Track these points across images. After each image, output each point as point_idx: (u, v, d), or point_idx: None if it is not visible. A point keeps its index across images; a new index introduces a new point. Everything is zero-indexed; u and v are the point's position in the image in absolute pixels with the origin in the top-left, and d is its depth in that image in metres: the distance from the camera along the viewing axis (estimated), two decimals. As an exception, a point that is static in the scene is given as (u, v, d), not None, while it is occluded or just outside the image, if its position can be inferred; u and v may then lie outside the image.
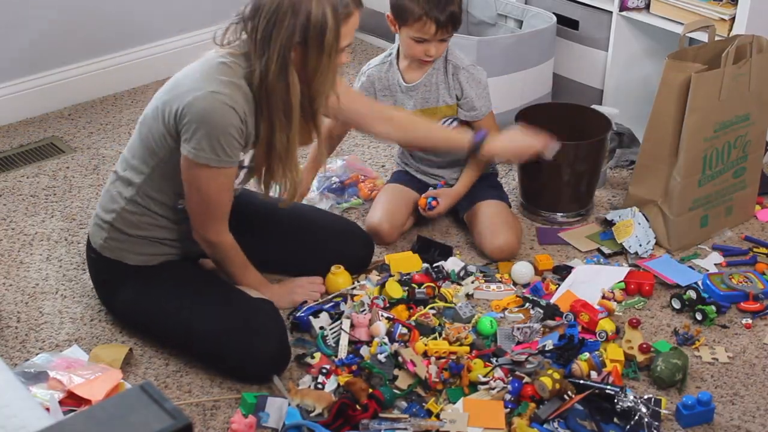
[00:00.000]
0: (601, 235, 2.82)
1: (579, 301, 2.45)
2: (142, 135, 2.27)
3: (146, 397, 1.15)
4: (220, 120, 2.11)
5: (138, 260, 2.35)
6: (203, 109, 2.11)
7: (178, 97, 2.15)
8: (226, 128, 2.12)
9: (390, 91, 2.79)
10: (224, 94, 2.12)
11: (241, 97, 2.15)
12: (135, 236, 2.33)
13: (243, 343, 2.23)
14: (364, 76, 2.82)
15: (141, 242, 2.34)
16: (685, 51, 2.68)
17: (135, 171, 2.29)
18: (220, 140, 2.13)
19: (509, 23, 3.46)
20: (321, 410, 2.12)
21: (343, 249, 2.58)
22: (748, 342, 2.43)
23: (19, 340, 2.41)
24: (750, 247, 2.79)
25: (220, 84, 2.13)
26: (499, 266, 2.67)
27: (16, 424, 1.32)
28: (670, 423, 2.17)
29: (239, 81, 2.15)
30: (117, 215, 2.32)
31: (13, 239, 2.82)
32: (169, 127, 2.18)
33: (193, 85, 2.15)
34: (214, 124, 2.11)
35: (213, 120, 2.11)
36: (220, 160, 2.15)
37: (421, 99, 2.76)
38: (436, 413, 2.15)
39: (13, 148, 3.30)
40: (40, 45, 3.42)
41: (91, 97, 3.61)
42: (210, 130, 2.12)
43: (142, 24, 3.65)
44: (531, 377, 2.20)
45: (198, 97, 2.12)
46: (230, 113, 2.12)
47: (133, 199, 2.30)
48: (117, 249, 2.35)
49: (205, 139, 2.13)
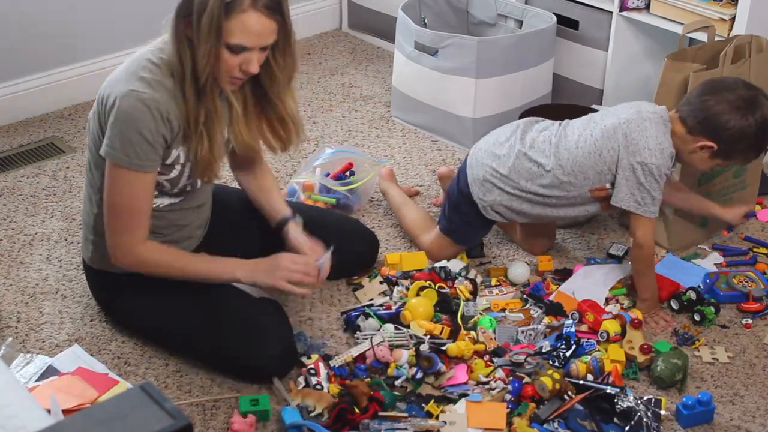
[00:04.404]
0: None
1: (586, 301, 2.45)
2: (89, 137, 2.25)
3: (146, 397, 1.15)
4: (133, 120, 2.07)
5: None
6: (122, 107, 2.08)
7: (106, 96, 2.13)
8: (139, 129, 2.08)
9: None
10: (143, 93, 2.08)
11: (165, 95, 2.10)
12: None
13: (248, 344, 2.23)
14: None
15: None
16: (684, 51, 2.68)
17: (94, 173, 2.26)
18: (132, 141, 2.09)
19: (509, 23, 3.46)
20: (321, 410, 2.13)
21: (348, 247, 2.58)
22: (748, 342, 2.43)
23: (19, 340, 2.41)
24: (750, 247, 2.79)
25: (143, 83, 2.09)
26: (491, 271, 2.67)
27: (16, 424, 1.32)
28: (670, 423, 2.17)
29: (164, 79, 2.11)
30: (94, 224, 2.30)
31: (13, 239, 2.82)
32: (103, 124, 2.16)
33: (116, 84, 2.12)
34: (128, 123, 2.08)
35: (127, 119, 2.08)
36: (130, 161, 2.10)
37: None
38: (436, 415, 2.15)
39: (13, 148, 3.30)
40: (40, 45, 3.42)
41: (91, 97, 3.56)
42: (123, 129, 2.08)
43: (142, 24, 3.64)
44: (531, 377, 2.20)
45: (119, 94, 2.09)
46: (145, 113, 2.07)
47: (101, 204, 2.26)
48: (105, 260, 2.31)
49: (118, 138, 2.09)
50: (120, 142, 2.09)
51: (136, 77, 2.10)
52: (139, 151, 2.10)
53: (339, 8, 4.12)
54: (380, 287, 2.56)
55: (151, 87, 2.09)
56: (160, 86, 2.10)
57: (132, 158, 2.11)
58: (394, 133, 3.40)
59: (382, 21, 3.90)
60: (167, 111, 2.10)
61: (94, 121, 2.21)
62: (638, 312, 2.45)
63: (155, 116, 2.08)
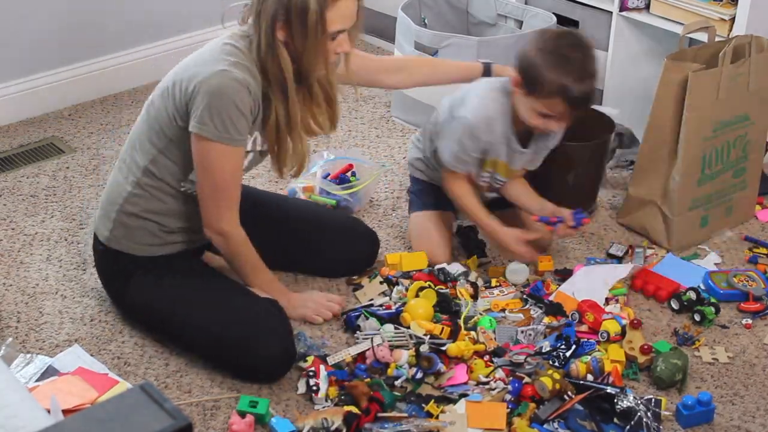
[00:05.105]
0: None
1: (586, 301, 2.45)
2: (150, 117, 2.29)
3: (146, 397, 1.15)
4: (230, 95, 2.14)
5: (144, 251, 2.36)
6: (214, 85, 2.14)
7: (188, 79, 2.18)
8: (236, 104, 2.14)
9: (508, 140, 2.55)
10: (234, 72, 2.15)
11: (250, 76, 2.17)
12: (140, 224, 2.34)
13: (247, 342, 2.23)
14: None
15: (146, 231, 2.35)
16: (684, 51, 2.68)
17: (141, 152, 2.30)
18: (231, 115, 2.15)
19: (509, 23, 3.46)
20: (339, 423, 2.10)
21: (348, 246, 2.59)
22: (748, 342, 2.43)
23: (19, 340, 2.41)
24: (750, 247, 2.79)
25: (230, 64, 2.16)
26: (491, 271, 2.67)
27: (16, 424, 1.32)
28: (670, 423, 2.17)
29: (248, 63, 2.18)
30: (123, 201, 2.33)
31: (13, 239, 2.82)
32: (179, 106, 2.20)
33: (202, 66, 2.18)
34: (225, 99, 2.14)
35: (223, 95, 2.13)
36: (229, 136, 2.17)
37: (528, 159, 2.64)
38: (436, 415, 2.15)
39: (13, 148, 3.30)
40: (40, 45, 3.42)
41: (91, 97, 3.61)
42: (220, 106, 2.14)
43: (142, 24, 3.65)
44: (531, 377, 2.20)
45: (208, 75, 2.15)
46: (241, 89, 2.14)
47: (139, 183, 2.31)
48: (123, 239, 2.36)
49: (216, 115, 2.14)
50: (218, 118, 2.15)
51: (223, 59, 2.17)
52: (237, 125, 2.17)
53: (339, 8, 4.12)
54: (380, 287, 2.56)
55: (238, 68, 2.16)
56: (245, 69, 2.17)
57: (231, 133, 2.17)
58: (394, 133, 3.39)
59: (382, 21, 3.90)
60: (255, 92, 2.18)
61: (160, 101, 2.25)
62: (630, 311, 2.46)
63: (248, 92, 2.16)
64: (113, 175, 2.40)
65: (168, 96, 2.23)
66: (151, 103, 2.30)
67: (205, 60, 2.20)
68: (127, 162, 2.34)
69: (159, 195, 2.32)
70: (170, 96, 2.22)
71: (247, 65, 2.18)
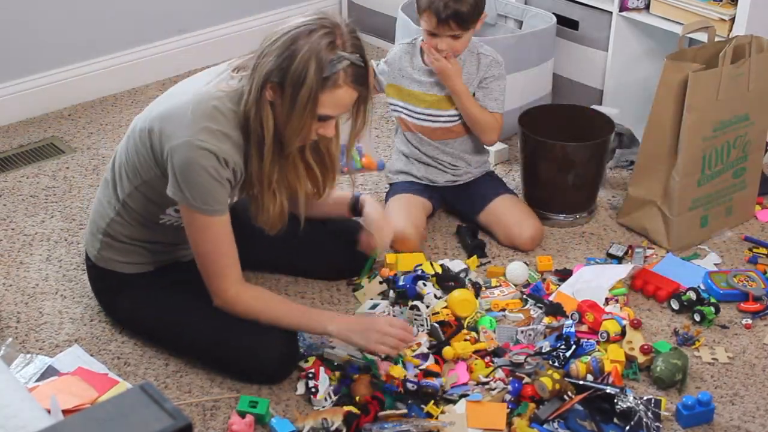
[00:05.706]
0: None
1: (586, 301, 2.45)
2: (129, 146, 2.23)
3: (146, 397, 1.15)
4: (200, 167, 2.06)
5: (132, 269, 2.36)
6: (185, 158, 2.06)
7: (167, 136, 2.10)
8: (209, 173, 2.07)
9: (405, 72, 2.82)
10: (207, 143, 2.06)
11: (230, 146, 2.09)
12: (126, 248, 2.33)
13: (250, 344, 2.23)
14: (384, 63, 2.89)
15: (134, 254, 2.34)
16: (684, 52, 2.68)
17: (120, 182, 2.27)
18: (205, 185, 2.08)
19: (509, 23, 3.46)
20: (339, 423, 2.10)
21: (348, 249, 2.58)
22: (748, 342, 2.43)
23: (19, 341, 2.41)
24: (750, 247, 2.79)
25: (208, 132, 2.07)
26: (491, 271, 2.66)
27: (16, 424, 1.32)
28: (670, 423, 2.17)
29: (230, 131, 2.09)
30: (106, 226, 2.32)
31: (13, 239, 2.82)
32: (159, 161, 2.15)
33: (179, 128, 2.09)
34: (194, 171, 2.07)
35: (192, 169, 2.06)
36: (209, 207, 2.11)
37: (437, 83, 2.76)
38: (436, 416, 2.15)
39: (13, 148, 3.30)
40: (40, 45, 3.42)
41: (91, 97, 3.61)
42: (190, 179, 2.07)
43: (142, 24, 3.65)
44: (531, 377, 2.20)
45: (180, 143, 2.07)
46: (212, 159, 2.06)
47: (119, 212, 2.29)
48: (111, 260, 2.35)
49: (190, 188, 2.09)
50: (195, 191, 2.08)
51: (201, 127, 2.07)
52: (216, 196, 2.10)
53: (339, 8, 4.12)
54: (380, 287, 2.56)
55: (216, 138, 2.07)
56: (225, 138, 2.09)
57: (211, 204, 2.11)
58: (393, 133, 3.39)
59: (381, 21, 3.90)
60: (233, 162, 2.10)
61: (138, 141, 2.18)
62: (629, 311, 2.45)
63: (221, 163, 2.08)
64: (100, 189, 2.37)
65: (146, 139, 2.16)
66: (132, 134, 2.23)
67: (187, 122, 2.08)
68: (110, 184, 2.31)
69: (140, 226, 2.30)
70: (148, 140, 2.15)
71: (228, 133, 2.09)
